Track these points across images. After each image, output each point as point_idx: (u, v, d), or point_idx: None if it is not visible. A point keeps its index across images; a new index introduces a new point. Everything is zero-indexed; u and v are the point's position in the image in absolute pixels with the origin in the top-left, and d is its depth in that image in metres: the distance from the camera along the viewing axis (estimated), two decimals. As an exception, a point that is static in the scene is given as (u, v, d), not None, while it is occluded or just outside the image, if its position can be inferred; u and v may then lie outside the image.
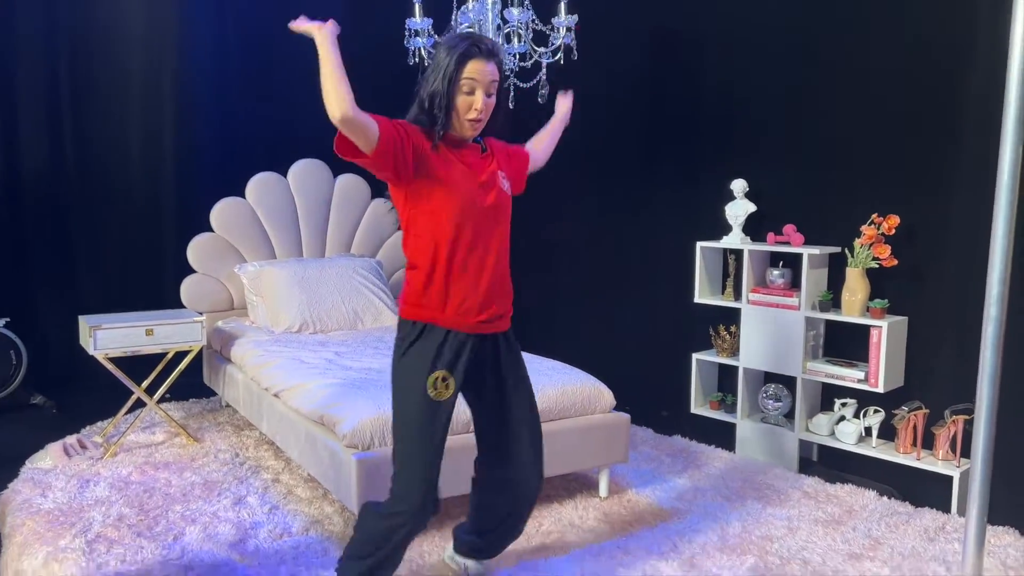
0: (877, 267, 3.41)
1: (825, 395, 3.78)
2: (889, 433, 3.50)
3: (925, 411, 3.33)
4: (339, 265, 4.48)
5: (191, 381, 4.38)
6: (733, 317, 4.00)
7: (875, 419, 3.47)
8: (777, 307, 3.68)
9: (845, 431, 3.51)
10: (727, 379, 4.17)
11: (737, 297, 3.94)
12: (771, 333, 3.71)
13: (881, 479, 3.40)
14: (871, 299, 3.46)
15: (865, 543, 2.83)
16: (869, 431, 3.51)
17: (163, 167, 4.94)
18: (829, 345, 3.76)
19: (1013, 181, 1.70)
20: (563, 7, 3.38)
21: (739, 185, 3.87)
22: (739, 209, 3.87)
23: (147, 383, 3.96)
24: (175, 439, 3.88)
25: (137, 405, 4.04)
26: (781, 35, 3.84)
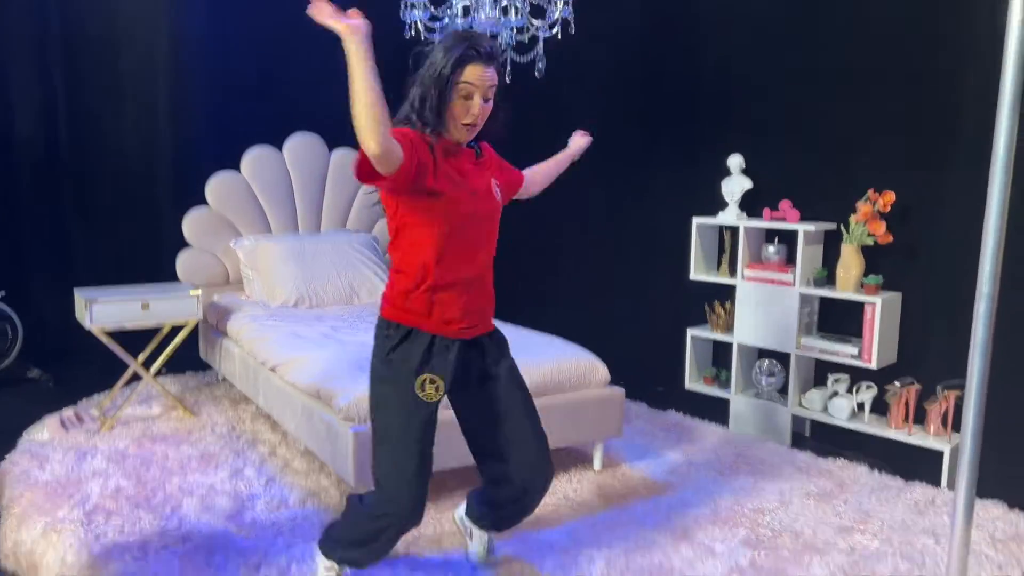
0: (872, 244, 3.42)
1: (819, 371, 3.81)
2: (882, 409, 3.53)
3: (917, 387, 3.36)
4: (335, 240, 4.48)
5: (187, 355, 4.39)
6: (728, 293, 4.01)
7: (868, 395, 3.50)
8: (772, 283, 3.70)
9: (838, 406, 3.54)
10: (721, 355, 4.19)
11: (732, 273, 3.95)
12: (766, 309, 3.73)
13: (873, 454, 3.44)
14: (865, 275, 3.47)
15: (856, 516, 2.86)
16: (862, 407, 3.54)
17: (158, 139, 4.91)
18: (823, 321, 3.78)
19: (1008, 159, 1.70)
20: (561, -20, 3.35)
21: (735, 161, 3.86)
22: (735, 185, 3.87)
23: (144, 357, 3.97)
24: (172, 412, 3.90)
25: (133, 379, 4.05)
26: (779, 11, 3.81)
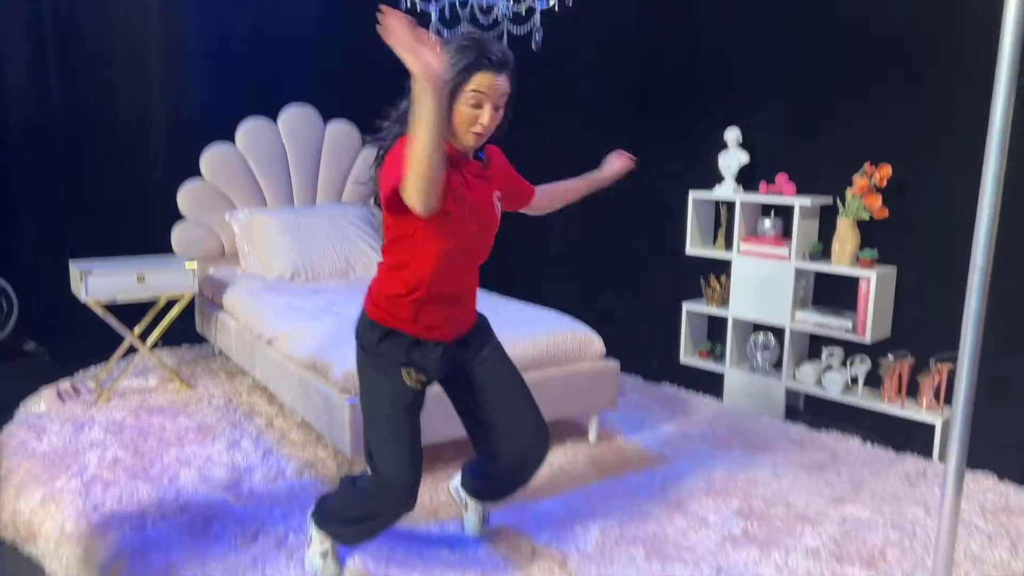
0: (868, 219, 3.42)
1: (813, 345, 3.82)
2: (875, 382, 3.56)
3: (911, 360, 3.38)
4: (330, 213, 4.47)
5: (183, 328, 4.39)
6: (724, 267, 4.02)
7: (861, 368, 3.52)
8: (768, 257, 3.70)
9: (832, 380, 3.56)
10: (716, 329, 4.21)
11: (728, 247, 3.96)
12: (761, 283, 3.74)
13: (866, 427, 3.47)
14: (861, 250, 3.48)
15: (848, 487, 2.89)
16: (855, 380, 3.56)
17: (153, 110, 4.87)
18: (818, 295, 3.79)
19: (1003, 133, 1.70)
20: (558, -50, 3.31)
21: (733, 135, 3.85)
22: (732, 159, 3.86)
23: (140, 330, 3.97)
24: (168, 385, 3.91)
25: (129, 351, 4.05)
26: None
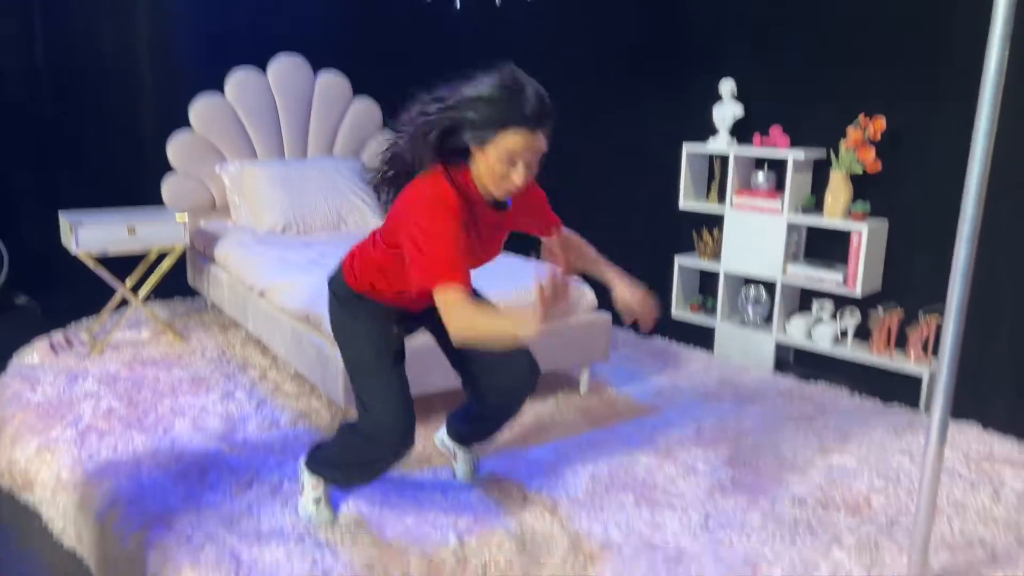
0: (861, 173, 3.42)
1: (804, 299, 3.85)
2: (864, 335, 3.59)
3: (900, 312, 3.40)
4: (322, 166, 4.43)
5: (175, 282, 4.39)
6: (716, 221, 4.01)
7: (851, 321, 3.55)
8: (760, 211, 3.70)
9: (821, 333, 3.59)
10: (708, 283, 4.22)
11: (721, 201, 3.95)
12: (753, 237, 3.74)
13: (855, 379, 3.50)
14: (853, 203, 3.48)
15: (835, 437, 2.93)
16: (845, 333, 3.59)
17: (140, 58, 4.78)
18: (810, 249, 3.80)
19: (996, 86, 1.70)
20: None
21: (727, 87, 3.82)
22: (726, 112, 3.83)
23: (132, 282, 3.96)
24: (161, 338, 3.91)
25: (122, 304, 4.05)
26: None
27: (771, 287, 3.82)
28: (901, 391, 3.35)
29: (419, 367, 2.37)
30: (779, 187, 3.74)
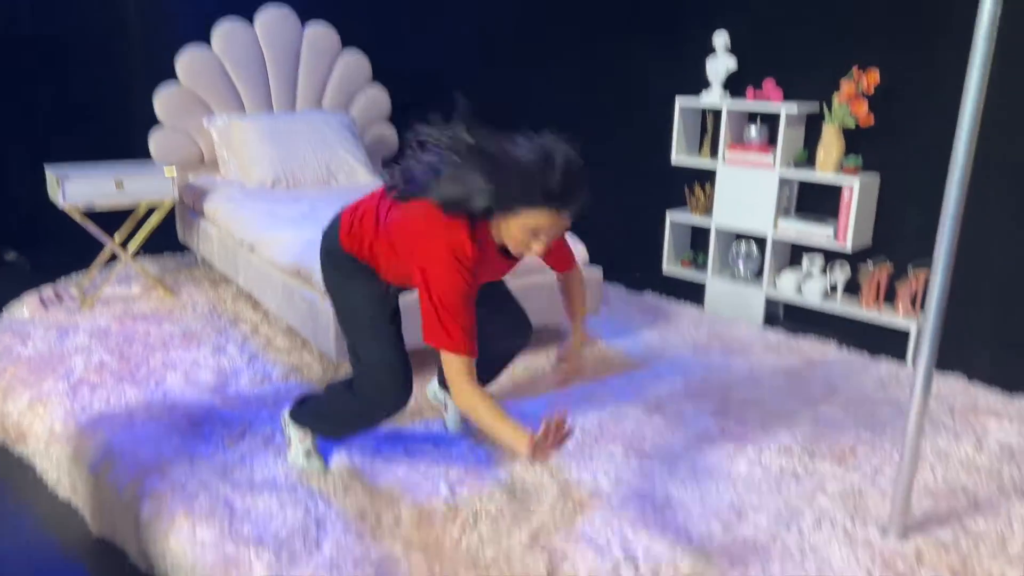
0: (854, 127, 3.40)
1: (794, 254, 3.85)
2: (854, 290, 3.61)
3: (890, 267, 3.42)
4: (310, 120, 4.38)
5: (165, 238, 4.36)
6: (709, 176, 4.00)
7: (841, 275, 3.56)
8: (752, 165, 3.69)
9: (811, 288, 3.61)
10: (699, 239, 4.22)
11: (714, 155, 3.93)
12: (745, 192, 3.73)
13: (843, 333, 3.53)
14: (845, 156, 3.47)
15: (822, 390, 2.97)
16: (834, 288, 3.61)
17: (125, 9, 4.67)
18: (802, 204, 3.80)
19: (988, 41, 1.69)
20: None
21: (721, 40, 3.77)
22: (720, 65, 3.79)
23: (121, 238, 3.94)
24: (152, 293, 3.90)
25: (111, 259, 4.03)
26: None
27: (762, 242, 3.83)
28: (889, 345, 3.38)
29: (411, 320, 2.36)
30: (771, 141, 3.72)
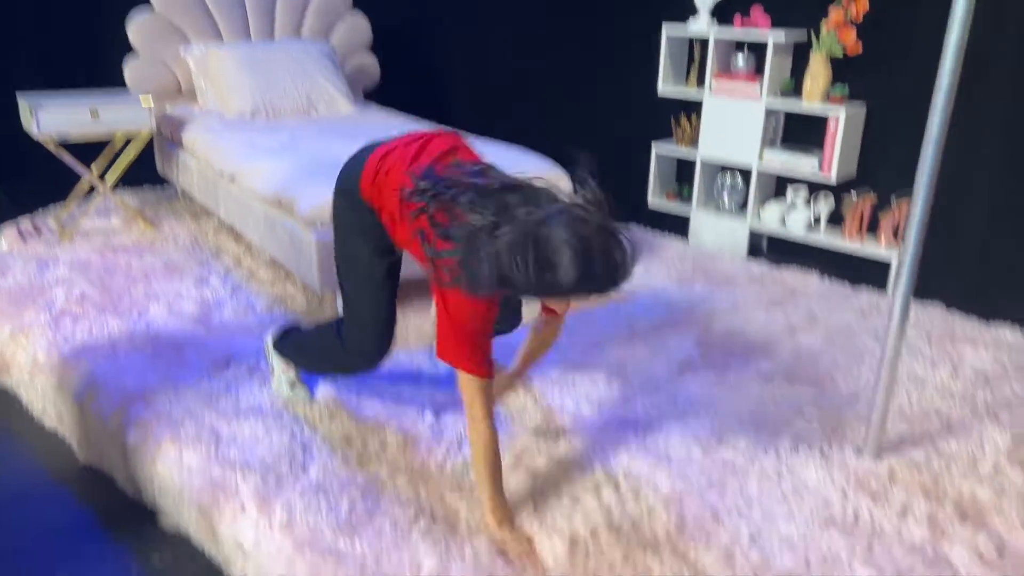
0: (841, 56, 3.36)
1: (779, 187, 3.85)
2: (838, 221, 3.61)
3: (873, 197, 3.42)
4: (289, 49, 4.28)
5: (144, 171, 4.28)
6: (695, 107, 3.96)
7: (825, 207, 3.57)
8: (739, 95, 3.65)
9: (795, 219, 3.61)
10: (685, 171, 4.20)
11: (700, 85, 3.88)
12: (731, 123, 3.70)
13: (826, 265, 3.55)
14: (832, 86, 3.44)
15: (803, 319, 3.00)
16: (818, 220, 3.62)
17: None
18: (788, 135, 3.78)
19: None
20: None
21: (709, -35, 3.69)
22: (708, -9, 3.72)
23: (98, 170, 3.86)
24: (132, 226, 3.86)
25: (90, 192, 3.96)
26: None
27: (747, 174, 3.81)
28: (870, 275, 3.41)
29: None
30: (759, 71, 3.68)
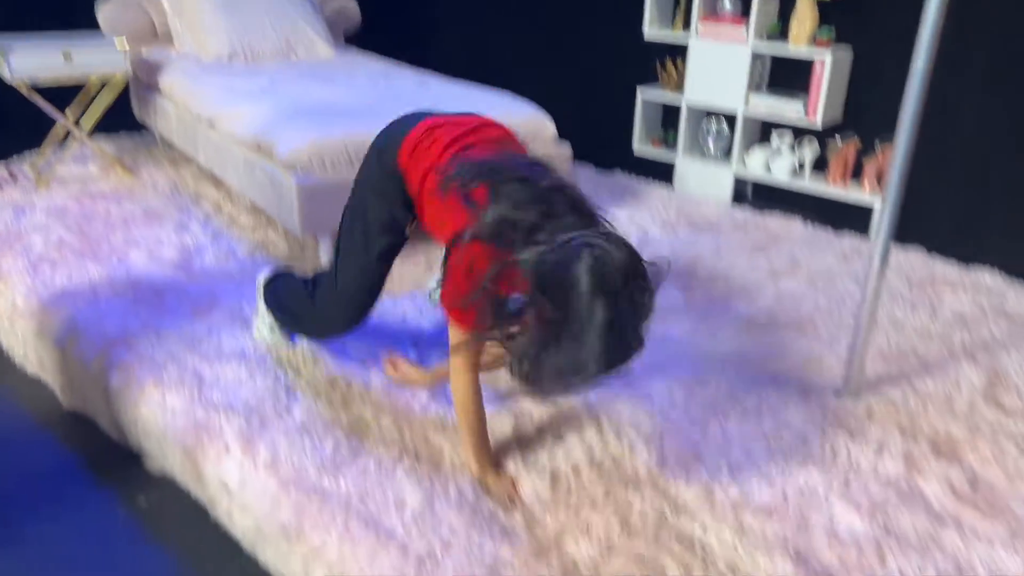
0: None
1: (764, 133, 3.83)
2: (823, 167, 3.61)
3: (857, 142, 3.42)
4: (268, -10, 4.17)
5: (121, 117, 4.19)
6: (682, 52, 3.91)
7: (809, 152, 3.56)
8: (726, 39, 3.60)
9: (780, 165, 3.60)
10: (670, 117, 4.16)
11: (687, 29, 3.83)
12: (717, 67, 3.66)
13: (810, 211, 3.56)
14: (819, 28, 3.40)
15: (785, 264, 3.01)
16: (803, 166, 3.61)
17: None
18: (774, 79, 3.74)
19: None
20: None
21: (697, -97, 3.61)
22: (695, -69, 3.65)
23: (74, 116, 3.78)
24: (110, 172, 3.79)
25: (65, 138, 3.88)
26: None
27: (732, 121, 3.79)
28: (853, 221, 3.42)
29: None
30: (745, 14, 3.63)
